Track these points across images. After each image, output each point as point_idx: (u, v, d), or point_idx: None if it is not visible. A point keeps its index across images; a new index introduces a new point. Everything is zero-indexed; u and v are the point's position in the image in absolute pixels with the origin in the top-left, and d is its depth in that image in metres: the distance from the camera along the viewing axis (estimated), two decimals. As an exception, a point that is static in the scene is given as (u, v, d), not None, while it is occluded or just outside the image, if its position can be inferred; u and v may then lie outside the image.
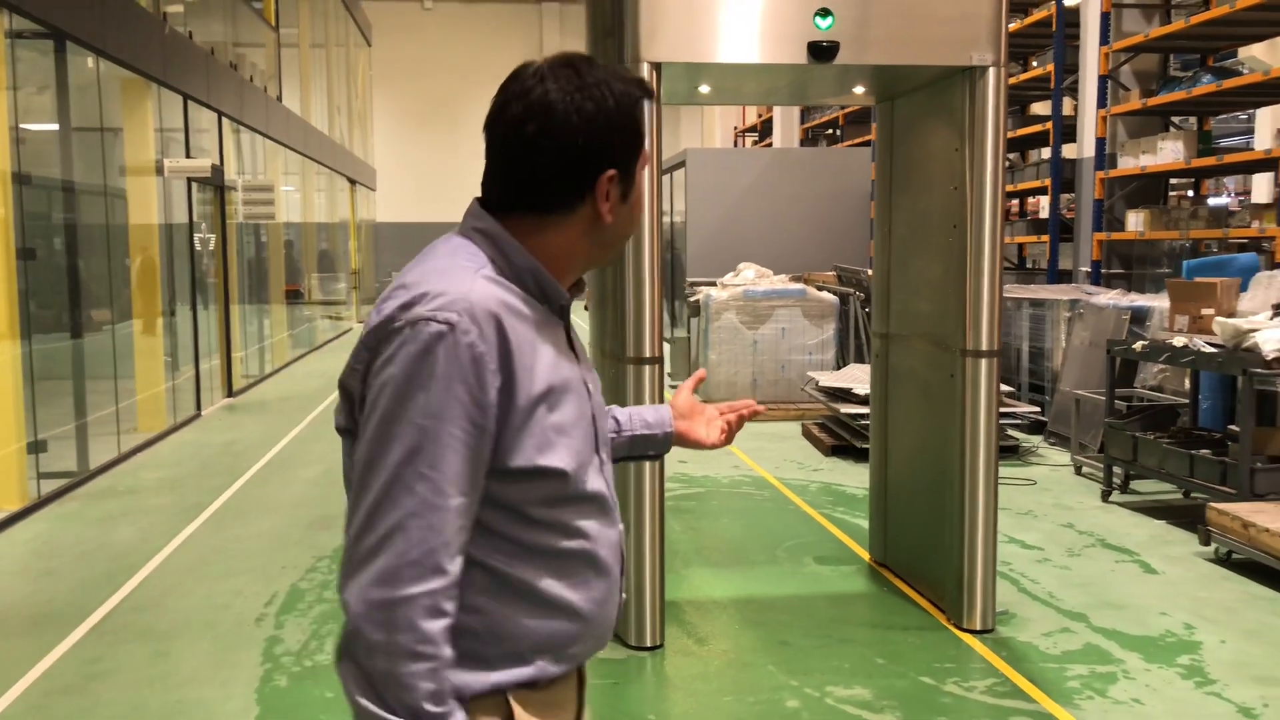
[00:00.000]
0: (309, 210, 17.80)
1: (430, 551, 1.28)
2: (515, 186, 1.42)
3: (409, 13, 30.30)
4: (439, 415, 1.28)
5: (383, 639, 1.27)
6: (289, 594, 5.12)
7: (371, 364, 1.33)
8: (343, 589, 1.31)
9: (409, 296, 1.33)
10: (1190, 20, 8.89)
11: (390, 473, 1.29)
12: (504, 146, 1.41)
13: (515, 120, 1.39)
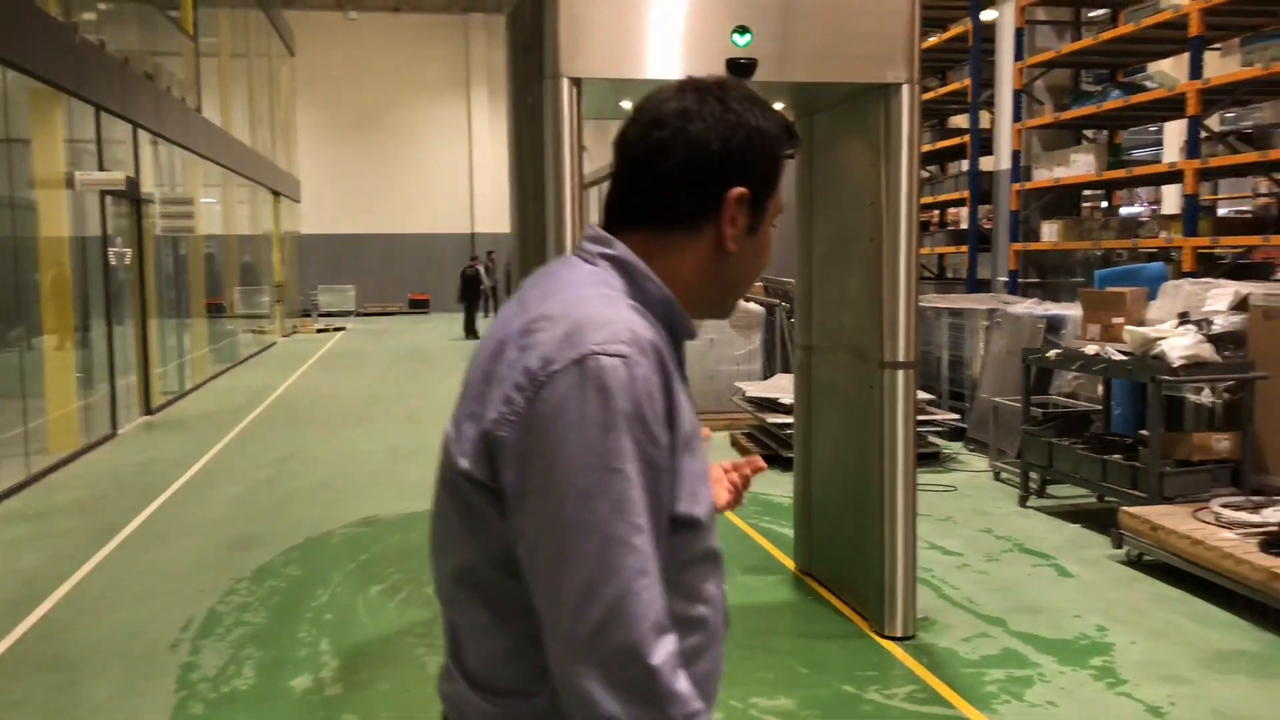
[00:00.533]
0: (231, 223, 17.47)
1: (660, 610, 1.16)
2: (639, 196, 1.33)
3: (333, 23, 29.94)
4: (630, 459, 1.15)
5: (646, 717, 1.14)
6: (206, 618, 5.00)
7: (531, 409, 1.18)
8: (574, 677, 1.15)
9: (562, 330, 1.20)
10: (1099, 37, 9.18)
11: (601, 532, 1.14)
12: (634, 154, 1.33)
13: (649, 124, 1.32)
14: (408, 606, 5.14)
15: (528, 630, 1.23)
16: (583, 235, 1.37)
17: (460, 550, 1.29)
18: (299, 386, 13.94)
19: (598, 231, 1.35)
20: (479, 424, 1.22)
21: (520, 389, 1.19)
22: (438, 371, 15.62)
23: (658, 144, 1.30)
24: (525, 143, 4.43)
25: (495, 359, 1.25)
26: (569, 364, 1.17)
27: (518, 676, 1.27)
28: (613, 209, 1.36)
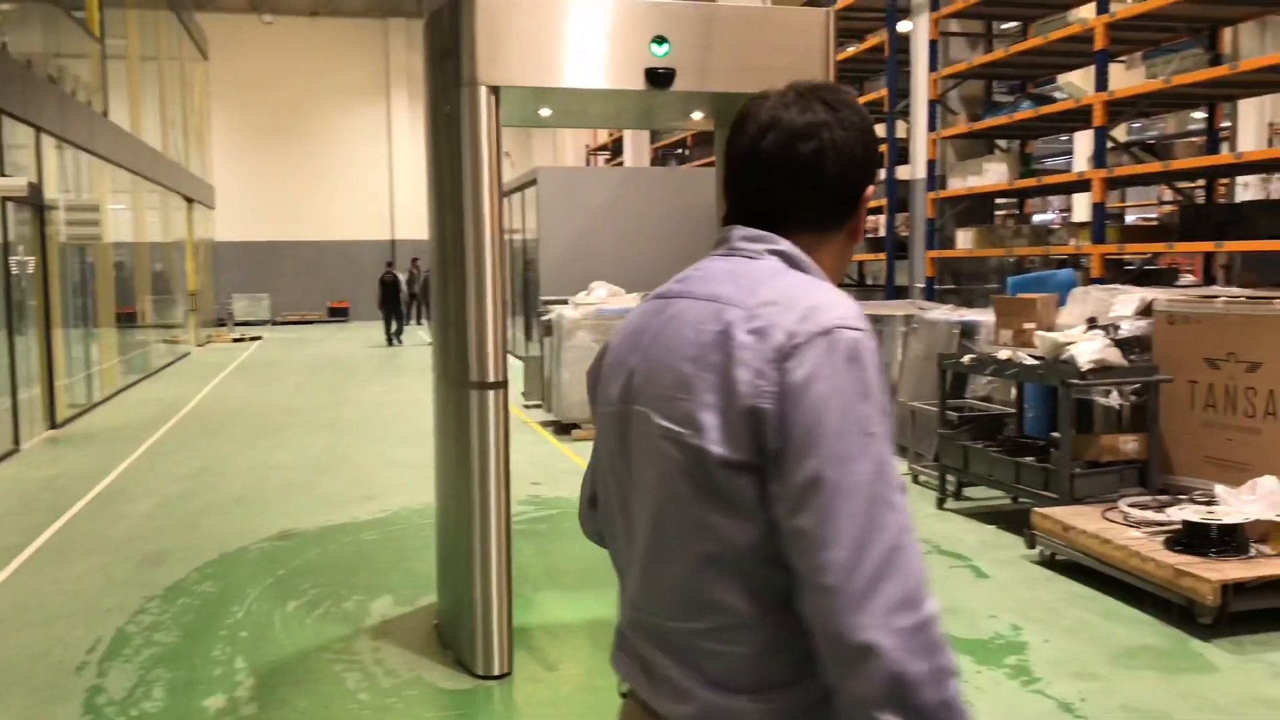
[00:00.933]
0: (141, 230, 16.99)
1: (923, 565, 1.22)
2: (794, 205, 1.40)
3: (248, 26, 29.37)
4: (879, 424, 1.23)
5: (927, 668, 1.16)
6: (114, 639, 4.84)
7: (786, 380, 1.23)
8: (854, 630, 1.17)
9: (799, 310, 1.26)
10: (1010, 50, 9.42)
11: (866, 492, 1.19)
12: (780, 167, 1.39)
13: (790, 137, 1.38)
14: (326, 622, 5.03)
15: (790, 620, 1.26)
16: (730, 235, 1.42)
17: (714, 544, 1.29)
18: (214, 398, 13.61)
19: (753, 230, 1.41)
20: (731, 406, 1.25)
21: (773, 363, 1.24)
22: (358, 380, 15.38)
23: (810, 157, 1.38)
24: (444, 150, 4.38)
25: (719, 349, 1.28)
26: (815, 337, 1.23)
27: (783, 666, 1.29)
28: (757, 216, 1.41)
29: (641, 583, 1.39)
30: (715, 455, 1.26)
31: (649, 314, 1.43)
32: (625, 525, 1.43)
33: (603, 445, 1.49)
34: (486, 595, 4.32)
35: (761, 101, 1.43)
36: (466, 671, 4.36)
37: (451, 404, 4.44)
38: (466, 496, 4.32)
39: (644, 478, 1.36)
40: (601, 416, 1.49)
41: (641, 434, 1.37)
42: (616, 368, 1.45)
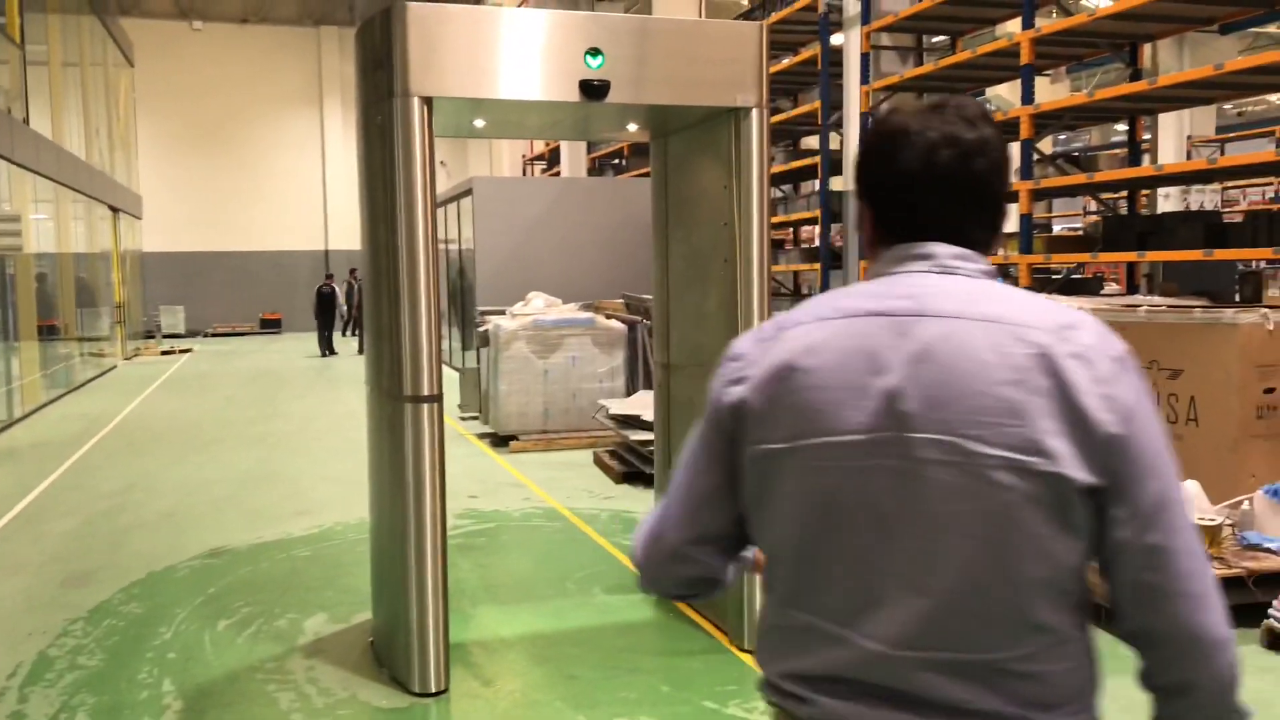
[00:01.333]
0: (65, 240, 16.54)
1: None
2: (972, 221, 1.42)
3: (176, 32, 28.81)
4: None
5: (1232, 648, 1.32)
6: (36, 663, 4.69)
7: (1125, 403, 1.29)
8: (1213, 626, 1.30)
9: (1094, 331, 1.32)
10: (939, 63, 9.60)
11: (1183, 504, 1.32)
12: (959, 182, 1.40)
13: (964, 154, 1.39)
14: (258, 641, 4.93)
15: (1089, 631, 1.35)
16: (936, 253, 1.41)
17: (1049, 568, 1.29)
18: (142, 412, 13.29)
19: (959, 249, 1.41)
20: (1085, 432, 1.26)
21: (1109, 387, 1.28)
22: (291, 393, 15.13)
23: (984, 174, 1.39)
24: (376, 161, 4.33)
25: (1045, 373, 1.28)
26: (1122, 359, 1.31)
27: (1091, 676, 1.35)
28: (928, 231, 1.41)
29: (929, 619, 1.30)
30: (1077, 481, 1.26)
31: (880, 333, 1.34)
32: (885, 557, 1.32)
33: (824, 477, 1.34)
34: (422, 611, 4.26)
35: (918, 117, 1.41)
36: (402, 689, 4.30)
37: (385, 417, 4.38)
38: (401, 511, 4.27)
39: (944, 509, 1.28)
40: (812, 449, 1.34)
41: (939, 464, 1.28)
42: (842, 392, 1.33)
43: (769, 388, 1.39)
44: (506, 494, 8.07)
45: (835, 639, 1.35)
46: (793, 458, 1.36)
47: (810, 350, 1.37)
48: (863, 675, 1.34)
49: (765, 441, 1.38)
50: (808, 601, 1.39)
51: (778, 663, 1.43)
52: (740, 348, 1.47)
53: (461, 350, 16.60)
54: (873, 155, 1.45)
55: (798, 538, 1.38)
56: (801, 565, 1.39)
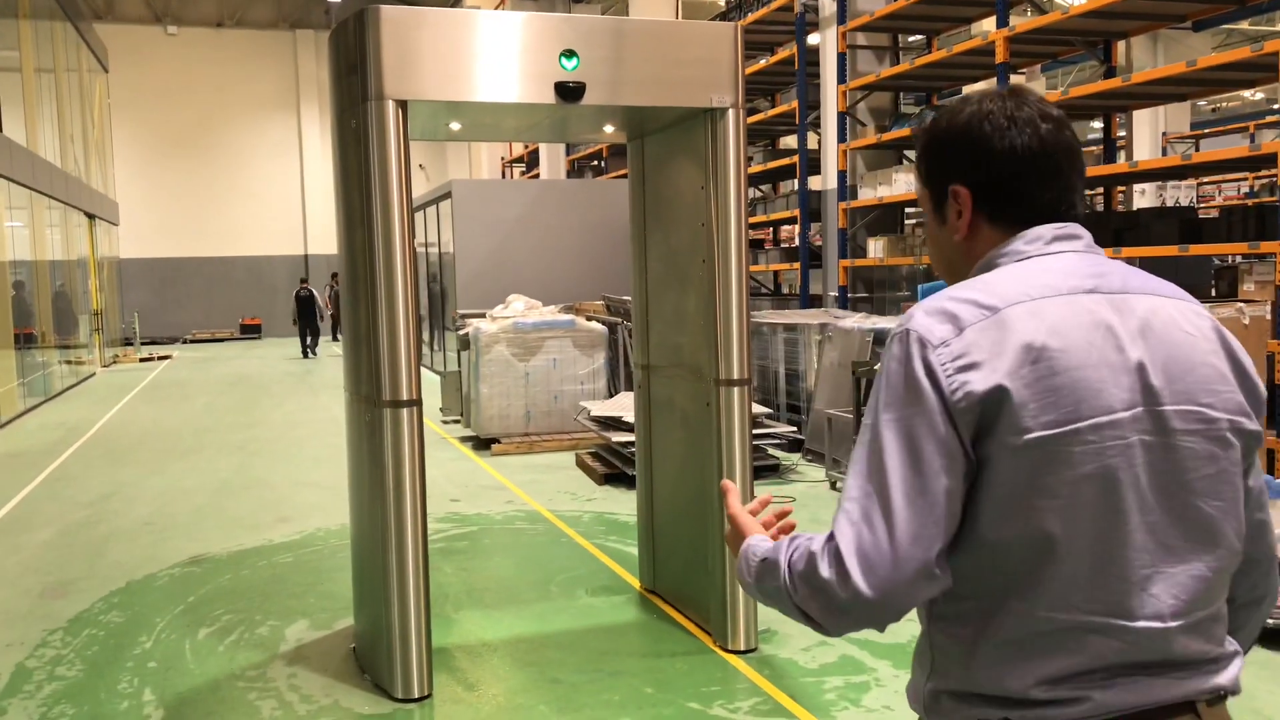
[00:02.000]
0: (40, 248, 16.40)
1: None
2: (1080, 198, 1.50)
3: (150, 37, 28.61)
4: None
5: None
6: (14, 675, 4.64)
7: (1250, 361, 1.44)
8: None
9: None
10: (915, 62, 9.64)
11: None
12: (1081, 159, 1.49)
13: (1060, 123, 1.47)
14: (239, 649, 4.90)
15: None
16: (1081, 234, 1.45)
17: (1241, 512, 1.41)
18: (120, 420, 13.19)
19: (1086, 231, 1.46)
20: (1250, 391, 1.40)
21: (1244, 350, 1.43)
22: (273, 398, 15.05)
23: (1077, 143, 1.47)
24: (352, 165, 4.31)
25: (1221, 343, 1.40)
26: None
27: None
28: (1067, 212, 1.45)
29: (1192, 582, 1.34)
30: (1257, 434, 1.41)
31: (1106, 310, 1.34)
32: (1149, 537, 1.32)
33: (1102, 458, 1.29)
34: (404, 617, 4.25)
35: (1003, 101, 1.44)
36: (385, 695, 4.28)
37: (364, 423, 4.37)
38: (381, 517, 4.25)
39: (1196, 477, 1.33)
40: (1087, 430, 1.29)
41: (1187, 433, 1.33)
42: (1102, 370, 1.30)
43: (1024, 372, 1.29)
44: (489, 497, 8.05)
45: (1103, 629, 1.31)
46: (1071, 443, 1.29)
47: (1055, 330, 1.31)
48: (1132, 657, 1.32)
49: (1032, 430, 1.28)
50: (1091, 596, 1.31)
51: (1030, 672, 1.32)
52: (940, 330, 1.33)
53: (442, 354, 16.55)
54: (976, 141, 1.43)
55: (1082, 529, 1.30)
56: (1082, 558, 1.30)
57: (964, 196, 1.45)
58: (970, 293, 1.36)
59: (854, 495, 1.35)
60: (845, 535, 1.33)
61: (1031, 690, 1.32)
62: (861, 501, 1.33)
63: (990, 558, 1.33)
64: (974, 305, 1.34)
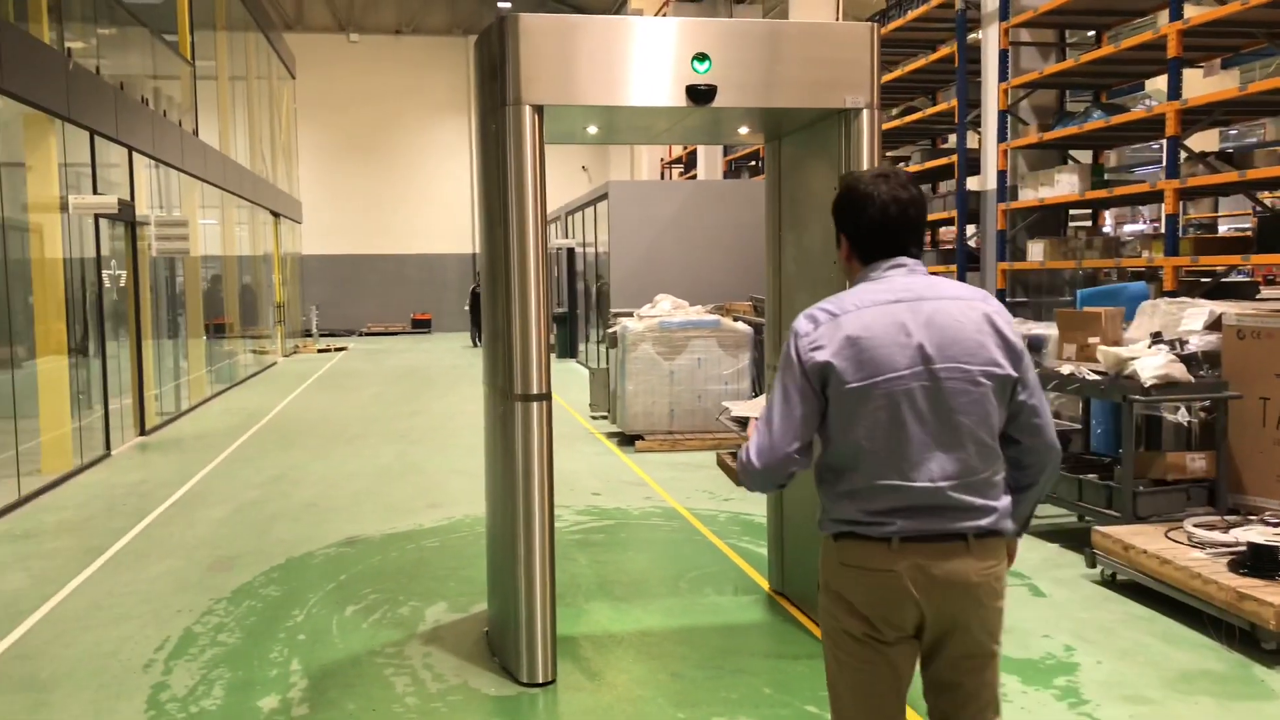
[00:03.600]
0: (229, 244, 17.60)
1: None
2: (921, 245, 2.61)
3: (334, 45, 30.21)
4: None
5: None
6: (181, 638, 5.04)
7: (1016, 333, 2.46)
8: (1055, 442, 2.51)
9: (990, 297, 2.50)
10: (1081, 59, 9.23)
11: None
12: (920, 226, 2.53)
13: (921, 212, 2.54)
14: (381, 627, 5.17)
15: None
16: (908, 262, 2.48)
17: (995, 423, 2.38)
18: (295, 406, 14.02)
19: (914, 260, 2.48)
20: (1011, 352, 2.38)
21: (1013, 326, 2.43)
22: (436, 390, 15.68)
23: (920, 217, 2.48)
24: (492, 167, 4.49)
25: (989, 324, 2.38)
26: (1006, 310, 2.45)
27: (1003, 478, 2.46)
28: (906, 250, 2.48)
29: (954, 461, 2.32)
30: (1011, 376, 2.37)
31: (902, 312, 2.34)
32: (926, 437, 2.31)
33: (890, 397, 2.30)
34: (531, 604, 4.39)
35: (874, 184, 2.47)
36: (512, 678, 4.44)
37: (499, 415, 4.54)
38: (511, 507, 4.41)
39: (956, 403, 2.32)
40: (880, 383, 2.30)
41: (950, 379, 2.32)
42: (892, 348, 2.31)
43: (845, 352, 2.33)
44: (628, 492, 8.19)
45: (901, 488, 2.33)
46: (870, 390, 2.32)
47: (865, 327, 2.34)
48: (919, 502, 2.33)
49: (849, 383, 2.32)
50: (886, 470, 2.33)
51: (863, 506, 2.35)
52: (806, 328, 2.39)
53: (597, 350, 16.86)
54: (851, 207, 2.48)
55: (879, 435, 2.33)
56: (881, 451, 2.33)
57: (844, 240, 2.53)
58: (828, 304, 2.41)
59: (761, 418, 2.40)
60: (752, 439, 2.40)
61: (858, 516, 2.37)
62: (762, 420, 2.39)
63: (838, 450, 2.40)
64: (826, 312, 2.39)
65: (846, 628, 2.39)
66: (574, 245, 20.01)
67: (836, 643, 2.44)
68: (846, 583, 2.38)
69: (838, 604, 2.41)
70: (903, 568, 2.31)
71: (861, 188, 2.44)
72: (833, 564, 2.42)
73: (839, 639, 2.43)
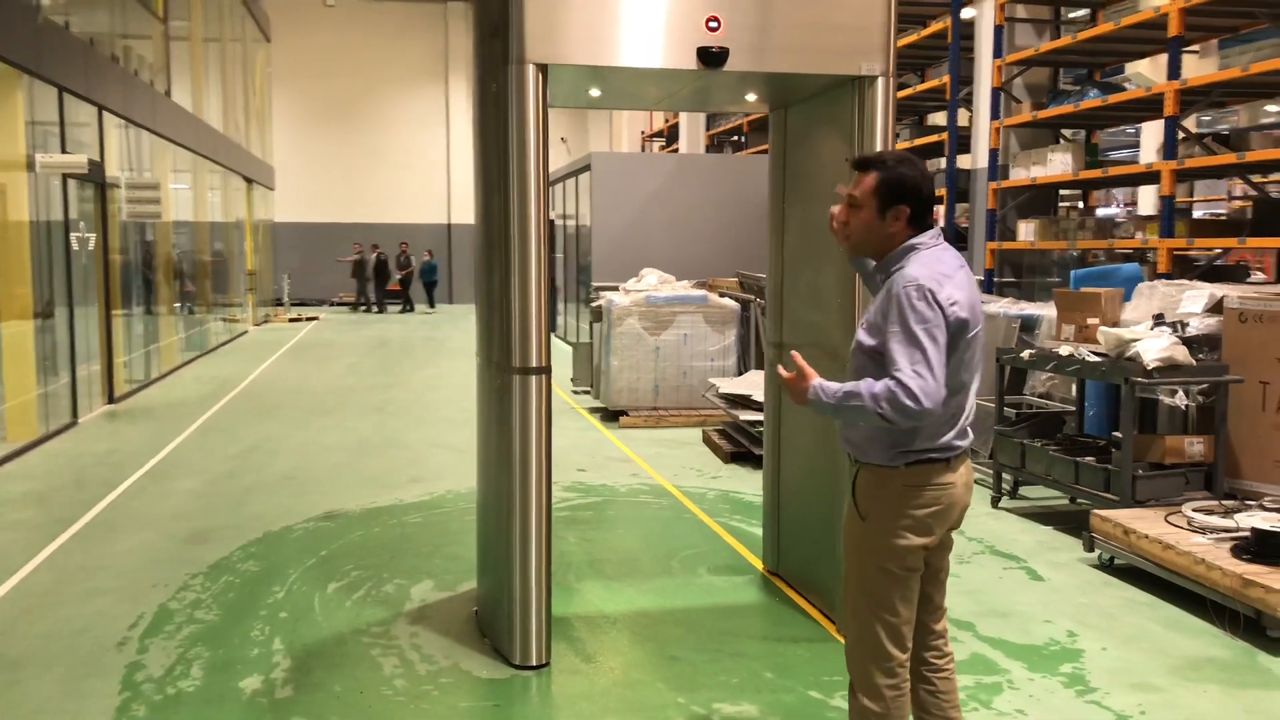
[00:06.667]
0: (201, 209, 17.21)
1: None
2: None
3: (310, 9, 29.60)
4: None
5: None
6: (156, 615, 4.85)
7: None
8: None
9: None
10: (1078, 36, 9.11)
11: None
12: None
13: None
14: (365, 605, 5.01)
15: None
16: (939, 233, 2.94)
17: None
18: (268, 377, 13.75)
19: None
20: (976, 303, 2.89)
21: None
22: (413, 361, 15.45)
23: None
24: (491, 131, 4.30)
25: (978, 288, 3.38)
26: None
27: None
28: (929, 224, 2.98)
29: (973, 400, 2.88)
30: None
31: (968, 275, 2.85)
32: (972, 375, 2.86)
33: (978, 342, 2.83)
34: (526, 585, 4.24)
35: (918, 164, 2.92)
36: (504, 660, 4.30)
37: (494, 389, 4.37)
38: (507, 483, 4.25)
39: (979, 350, 2.86)
40: (978, 332, 2.82)
41: (981, 330, 2.84)
42: (976, 304, 2.81)
43: (967, 306, 2.77)
44: (614, 469, 8.05)
45: (960, 418, 2.87)
46: (974, 340, 2.83)
47: (961, 287, 2.79)
48: (965, 426, 2.90)
49: (969, 333, 2.79)
50: (962, 403, 2.86)
51: (944, 434, 2.83)
52: (936, 287, 2.73)
53: (576, 324, 16.67)
54: (922, 181, 2.88)
55: (970, 374, 2.86)
56: (967, 387, 2.86)
57: (903, 212, 2.88)
58: (931, 268, 2.78)
59: (905, 362, 2.67)
60: (913, 380, 2.64)
61: (935, 444, 2.83)
62: (914, 365, 2.66)
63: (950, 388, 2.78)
64: (940, 274, 2.76)
65: (912, 544, 2.80)
66: (554, 217, 19.76)
67: (899, 562, 2.81)
68: (920, 502, 2.80)
69: (906, 524, 2.79)
70: (958, 479, 2.86)
71: (920, 165, 2.90)
72: (898, 489, 2.80)
73: (905, 556, 2.80)
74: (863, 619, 2.87)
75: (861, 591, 2.87)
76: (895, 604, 2.83)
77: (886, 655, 2.85)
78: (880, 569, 2.82)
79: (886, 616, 2.83)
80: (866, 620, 2.85)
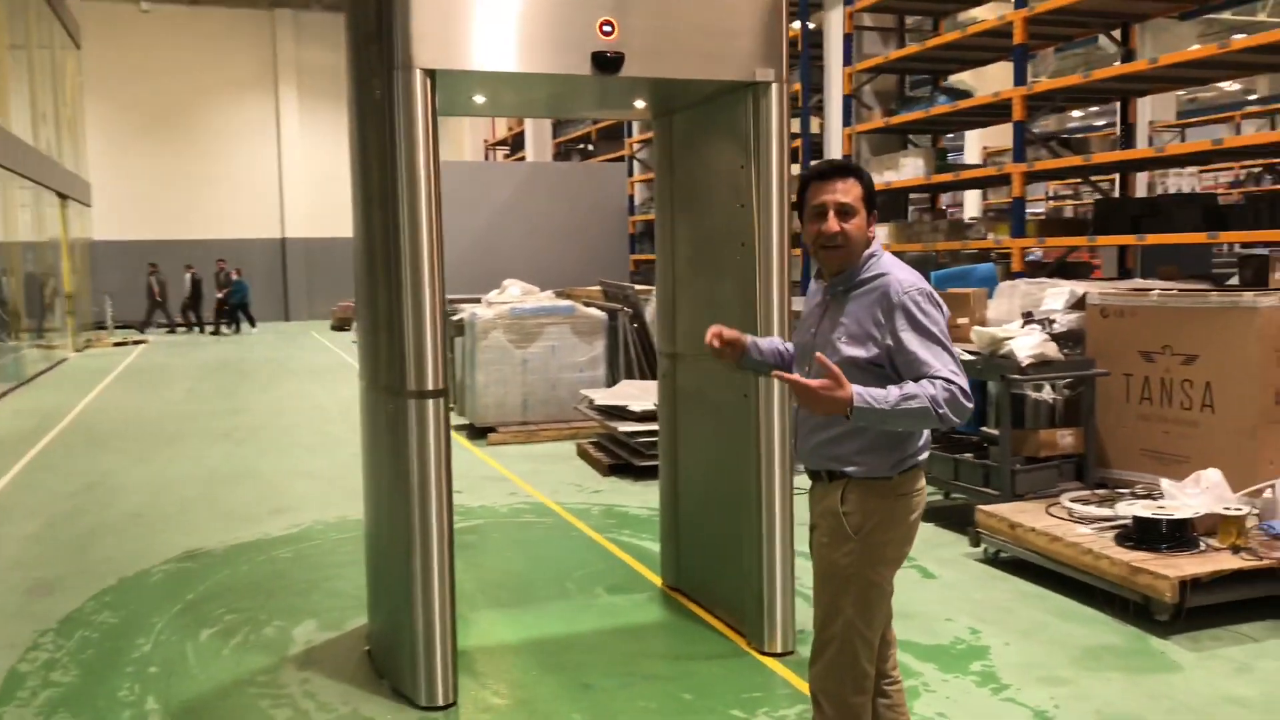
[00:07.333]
0: (10, 228, 15.92)
1: None
2: None
3: (124, 14, 27.93)
4: None
5: None
6: (6, 680, 4.35)
7: None
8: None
9: None
10: (926, 44, 9.42)
11: None
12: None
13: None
14: (245, 652, 4.63)
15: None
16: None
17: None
18: (99, 406, 12.80)
19: None
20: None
21: None
22: (255, 384, 14.69)
23: None
24: (372, 140, 4.04)
25: None
26: None
27: None
28: None
29: None
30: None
31: None
32: None
33: None
34: (429, 620, 3.99)
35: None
36: (408, 702, 4.03)
37: (385, 414, 4.10)
38: (404, 513, 3.99)
39: None
40: None
41: None
42: None
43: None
44: (490, 489, 7.79)
45: None
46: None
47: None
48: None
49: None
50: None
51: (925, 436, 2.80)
52: (930, 288, 2.75)
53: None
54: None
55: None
56: None
57: (873, 216, 2.85)
58: (910, 271, 2.80)
59: (939, 364, 2.61)
60: (961, 379, 2.60)
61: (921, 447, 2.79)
62: (949, 365, 2.61)
63: None
64: (920, 275, 2.78)
65: (903, 554, 2.79)
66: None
67: (890, 575, 2.78)
68: (910, 509, 2.75)
69: (899, 534, 2.75)
70: (923, 483, 2.84)
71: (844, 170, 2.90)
72: (891, 499, 2.72)
73: (893, 566, 2.78)
74: (843, 639, 2.80)
75: (848, 611, 2.79)
76: (876, 620, 2.81)
77: (863, 674, 2.83)
78: (873, 585, 2.77)
79: (868, 634, 2.81)
80: (847, 639, 2.80)
